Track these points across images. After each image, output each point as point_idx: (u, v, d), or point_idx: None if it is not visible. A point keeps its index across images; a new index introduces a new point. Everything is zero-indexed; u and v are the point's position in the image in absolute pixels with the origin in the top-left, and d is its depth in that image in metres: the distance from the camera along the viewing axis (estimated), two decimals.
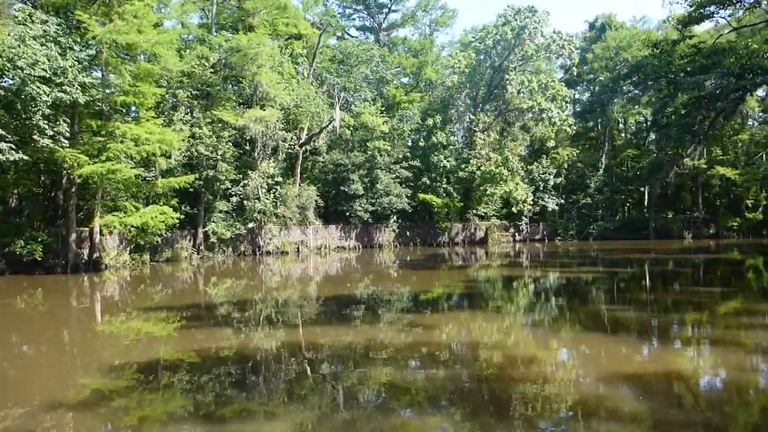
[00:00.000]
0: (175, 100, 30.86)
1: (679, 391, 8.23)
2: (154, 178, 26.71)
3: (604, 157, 59.31)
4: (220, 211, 33.56)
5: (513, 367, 9.54)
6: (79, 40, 22.10)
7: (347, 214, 42.63)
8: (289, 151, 37.85)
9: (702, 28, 39.56)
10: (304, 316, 15.34)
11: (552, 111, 45.41)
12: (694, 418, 7.12)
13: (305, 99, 37.17)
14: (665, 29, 58.17)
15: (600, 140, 62.30)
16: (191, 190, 31.22)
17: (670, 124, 33.97)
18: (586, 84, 62.14)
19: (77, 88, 21.18)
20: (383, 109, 43.89)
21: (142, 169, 26.60)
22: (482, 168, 45.17)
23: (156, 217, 24.62)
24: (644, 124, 65.85)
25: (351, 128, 42.72)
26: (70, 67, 20.72)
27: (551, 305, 16.55)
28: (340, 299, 17.79)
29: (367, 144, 42.94)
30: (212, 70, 32.05)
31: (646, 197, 60.14)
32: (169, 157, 26.84)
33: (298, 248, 39.16)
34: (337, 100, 38.74)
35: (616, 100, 53.25)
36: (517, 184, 45.81)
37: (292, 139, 37.32)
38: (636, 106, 58.82)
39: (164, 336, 12.73)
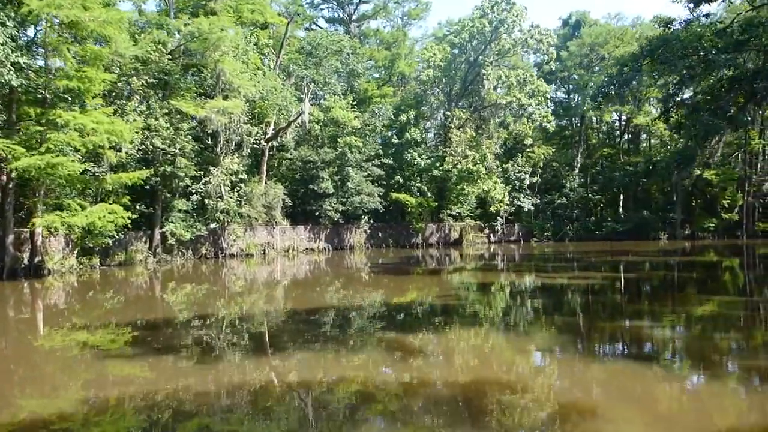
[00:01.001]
0: (129, 88, 28.64)
1: None
2: (103, 174, 24.48)
3: (579, 156, 58.93)
4: (179, 211, 31.41)
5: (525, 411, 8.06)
6: (13, 15, 19.83)
7: (316, 214, 40.84)
8: (255, 146, 35.87)
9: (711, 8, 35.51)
10: (270, 335, 13.47)
11: (532, 107, 44.49)
12: None
13: (272, 91, 35.31)
14: (642, 26, 58.17)
15: (574, 139, 61.99)
16: (147, 187, 29.06)
17: (699, 109, 30.89)
18: (560, 82, 61.71)
19: (10, 70, 18.94)
20: (354, 103, 42.28)
21: (91, 163, 24.39)
22: (458, 166, 43.96)
23: (104, 216, 22.37)
24: (617, 123, 65.89)
25: (320, 123, 40.96)
26: (2, 44, 18.48)
27: (547, 323, 15.15)
28: (310, 314, 15.61)
29: (338, 140, 41.25)
30: (170, 57, 29.86)
31: (621, 197, 60.05)
32: (120, 150, 24.66)
33: (264, 250, 37.23)
34: (306, 92, 36.92)
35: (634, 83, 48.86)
36: (495, 183, 44.77)
37: (257, 133, 35.36)
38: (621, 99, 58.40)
39: (109, 354, 10.90)
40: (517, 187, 52.51)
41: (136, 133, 25.74)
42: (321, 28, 52.99)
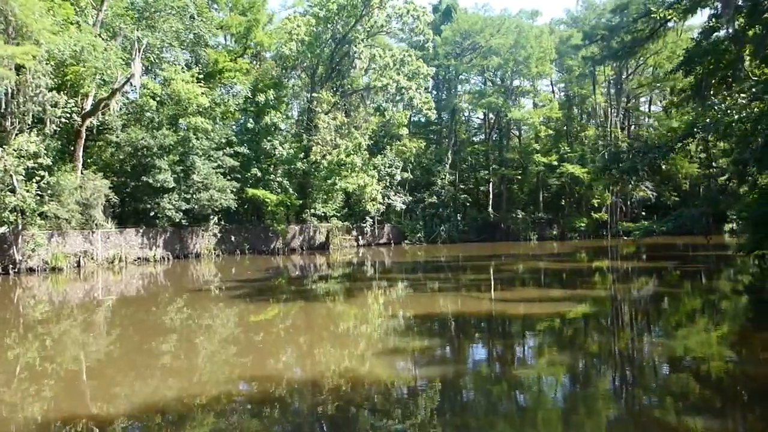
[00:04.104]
0: None
1: None
2: None
3: (450, 152, 56.83)
4: None
5: None
6: None
7: (152, 214, 33.20)
8: (65, 121, 27.65)
9: None
10: None
11: (412, 90, 40.63)
12: None
13: (89, 51, 27.45)
14: (510, 19, 57.65)
15: (443, 134, 60.05)
16: None
17: None
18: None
19: None
20: (201, 77, 35.30)
21: None
22: (328, 157, 38.84)
23: None
24: (484, 118, 65.29)
25: (157, 99, 33.49)
26: None
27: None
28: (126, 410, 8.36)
29: (180, 121, 34.05)
30: None
31: (491, 196, 59.11)
32: None
33: (79, 262, 29.02)
34: (136, 50, 29.34)
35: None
36: (372, 177, 40.27)
37: (68, 105, 27.23)
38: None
39: None
40: (388, 184, 48.84)
41: None
42: None
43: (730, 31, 18.85)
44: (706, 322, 15.06)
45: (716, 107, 19.31)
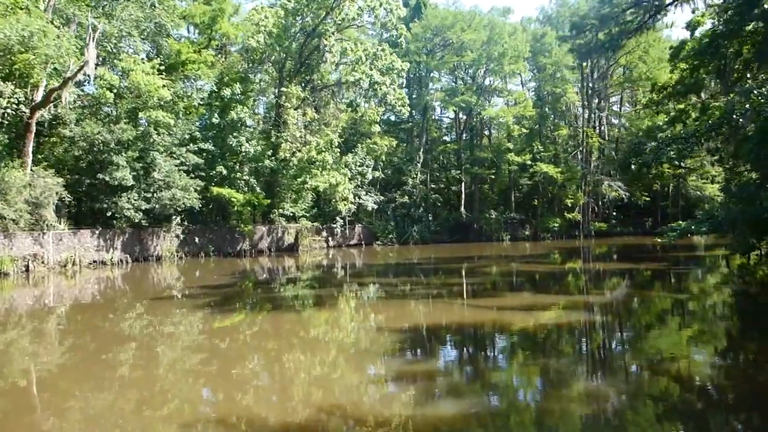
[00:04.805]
0: None
1: None
2: None
3: (421, 150, 56.15)
4: None
5: None
6: None
7: (110, 214, 31.41)
8: (12, 112, 25.82)
9: None
10: None
11: (386, 86, 39.63)
12: None
13: (40, 37, 25.74)
14: (481, 16, 57.37)
15: (414, 133, 59.33)
16: None
17: None
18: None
19: None
20: (163, 68, 33.71)
21: None
22: (297, 155, 37.57)
23: None
24: (455, 117, 64.88)
25: (115, 91, 31.77)
26: None
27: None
28: None
29: (140, 115, 32.39)
30: None
31: (463, 196, 58.68)
32: None
33: (27, 266, 27.18)
34: (90, 35, 27.61)
35: None
36: (345, 175, 39.13)
37: (15, 95, 25.44)
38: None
39: None
40: (359, 183, 47.83)
41: None
42: None
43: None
44: (682, 324, 14.67)
45: (755, 92, 19.00)
